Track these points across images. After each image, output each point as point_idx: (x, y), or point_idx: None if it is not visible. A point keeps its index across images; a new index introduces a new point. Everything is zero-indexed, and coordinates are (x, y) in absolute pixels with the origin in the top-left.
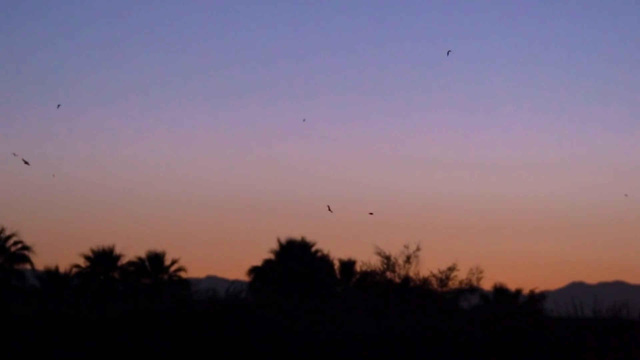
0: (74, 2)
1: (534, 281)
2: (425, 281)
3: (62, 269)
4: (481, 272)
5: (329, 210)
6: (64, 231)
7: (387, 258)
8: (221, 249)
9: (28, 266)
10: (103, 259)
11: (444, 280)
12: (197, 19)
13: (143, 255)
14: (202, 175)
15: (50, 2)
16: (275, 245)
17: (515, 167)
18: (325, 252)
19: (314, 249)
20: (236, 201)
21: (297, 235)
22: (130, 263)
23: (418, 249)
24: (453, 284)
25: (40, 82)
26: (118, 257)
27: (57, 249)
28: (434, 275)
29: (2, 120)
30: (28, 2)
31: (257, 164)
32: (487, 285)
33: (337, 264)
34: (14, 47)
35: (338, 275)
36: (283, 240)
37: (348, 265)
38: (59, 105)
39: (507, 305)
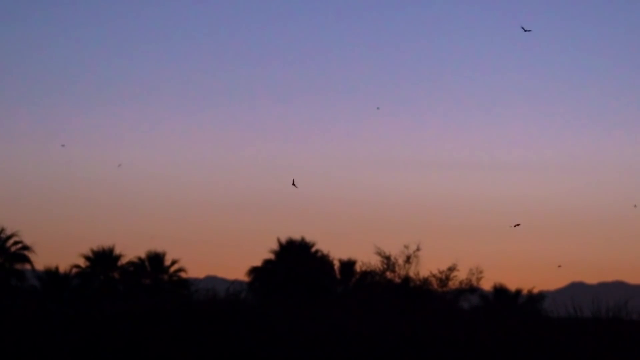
0: (74, 2)
1: (534, 281)
2: (425, 281)
3: (62, 269)
4: (481, 272)
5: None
6: (64, 231)
7: (387, 258)
8: (221, 249)
9: (28, 266)
10: (103, 259)
11: (444, 280)
12: (197, 19)
13: (143, 255)
14: (202, 175)
15: (51, 1)
16: (275, 245)
17: (516, 167)
18: (325, 252)
19: (314, 249)
20: (236, 201)
21: (297, 235)
22: (130, 263)
23: (418, 249)
24: (453, 284)
25: (41, 82)
26: (118, 257)
27: (57, 249)
28: (434, 275)
29: (2, 120)
30: (28, 2)
31: (257, 164)
32: (487, 285)
33: (337, 264)
34: (14, 47)
35: (338, 275)
36: (283, 240)
37: (348, 265)
38: None
39: (507, 306)
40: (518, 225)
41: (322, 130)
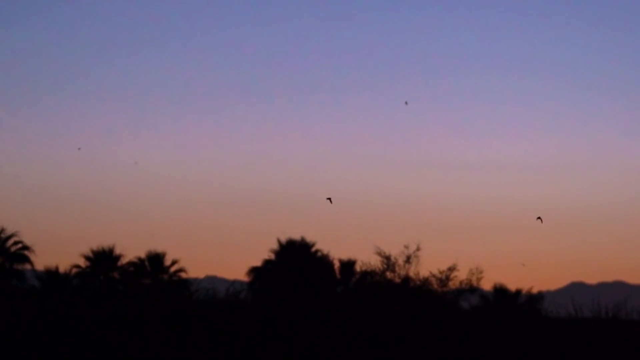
0: (75, 2)
1: (534, 281)
2: (425, 281)
3: (62, 269)
4: (481, 272)
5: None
6: (64, 231)
7: (387, 258)
8: (221, 249)
9: (28, 266)
10: (103, 259)
11: (444, 280)
12: (197, 19)
13: (143, 255)
14: (202, 175)
15: (51, 2)
16: (275, 245)
17: (515, 167)
18: (325, 252)
19: (314, 249)
20: (236, 201)
21: (297, 235)
22: (130, 263)
23: (418, 249)
24: (453, 284)
25: (41, 83)
26: (118, 257)
27: (57, 249)
28: (434, 276)
29: (2, 120)
30: (29, 2)
31: (257, 164)
32: (487, 285)
33: (337, 264)
34: (15, 47)
35: (338, 275)
36: (283, 240)
37: (348, 265)
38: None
39: (507, 306)
40: (540, 219)
41: (322, 130)
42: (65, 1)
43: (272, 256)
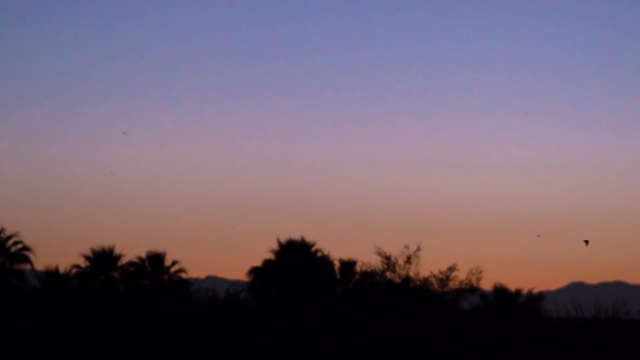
0: (75, 2)
1: (534, 281)
2: (425, 281)
3: (62, 269)
4: (481, 272)
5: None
6: (64, 231)
7: (388, 258)
8: (221, 249)
9: (28, 266)
10: (103, 259)
11: (444, 280)
12: (198, 18)
13: (143, 255)
14: (202, 175)
15: (51, 2)
16: (275, 246)
17: (516, 167)
18: (325, 252)
19: (314, 249)
20: (236, 201)
21: (297, 235)
22: (130, 263)
23: (418, 249)
24: (453, 284)
25: (41, 83)
26: (118, 257)
27: (57, 249)
28: (434, 276)
29: (3, 120)
30: (29, 2)
31: (257, 164)
32: (487, 285)
33: (337, 264)
34: (15, 47)
35: (338, 275)
36: (283, 240)
37: (348, 265)
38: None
39: (507, 306)
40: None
41: (322, 130)
42: (66, 1)
43: (272, 256)
